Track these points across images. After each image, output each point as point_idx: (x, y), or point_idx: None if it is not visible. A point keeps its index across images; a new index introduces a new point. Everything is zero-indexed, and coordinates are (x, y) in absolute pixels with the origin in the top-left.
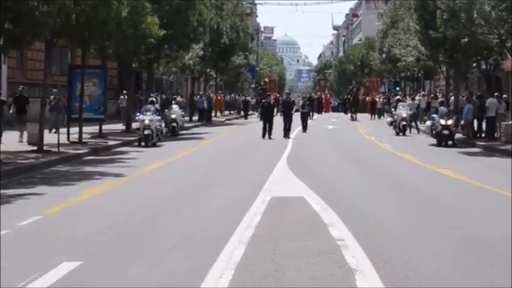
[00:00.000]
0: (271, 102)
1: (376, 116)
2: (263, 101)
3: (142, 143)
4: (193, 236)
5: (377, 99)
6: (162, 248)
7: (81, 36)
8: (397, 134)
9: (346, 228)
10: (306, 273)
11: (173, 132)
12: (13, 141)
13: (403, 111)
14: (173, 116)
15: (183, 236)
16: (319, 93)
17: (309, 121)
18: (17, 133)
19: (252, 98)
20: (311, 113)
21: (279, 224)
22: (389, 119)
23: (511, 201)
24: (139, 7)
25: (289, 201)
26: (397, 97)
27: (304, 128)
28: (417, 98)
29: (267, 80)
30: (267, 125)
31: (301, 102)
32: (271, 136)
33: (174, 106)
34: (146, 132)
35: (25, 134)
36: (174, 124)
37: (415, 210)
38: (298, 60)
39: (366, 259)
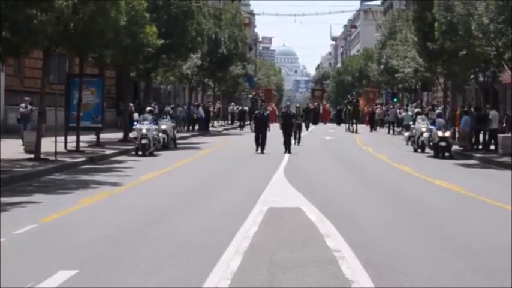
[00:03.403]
0: (265, 114)
1: (374, 127)
2: (255, 112)
3: (140, 152)
4: (189, 245)
5: (376, 111)
6: (158, 257)
7: (79, 44)
8: (415, 150)
9: (343, 239)
10: (302, 283)
11: (162, 144)
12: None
13: (422, 125)
14: (163, 127)
15: (179, 246)
16: (315, 103)
17: (304, 133)
18: None
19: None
20: (307, 124)
21: (276, 234)
22: (406, 134)
23: (511, 213)
24: (138, 17)
25: (285, 211)
26: (417, 110)
27: (298, 140)
28: (409, 109)
29: (260, 90)
30: (260, 137)
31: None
32: (264, 150)
33: (166, 117)
34: (143, 141)
35: None
36: (164, 136)
37: (411, 221)
38: (296, 71)
39: (362, 270)
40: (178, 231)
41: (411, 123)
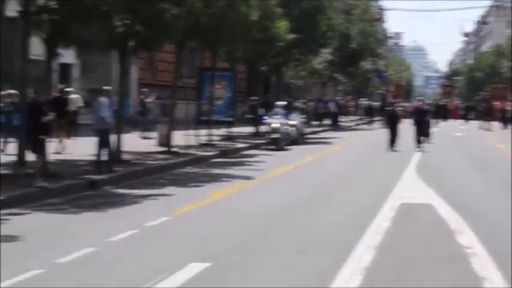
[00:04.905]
0: (396, 110)
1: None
2: (386, 109)
3: (271, 147)
4: (319, 240)
5: (507, 108)
6: (289, 253)
7: (211, 39)
8: None
9: (475, 236)
10: (434, 280)
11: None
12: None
13: None
14: (293, 122)
15: (310, 241)
16: (445, 100)
17: (434, 129)
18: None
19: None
20: (437, 121)
21: (407, 230)
22: None
23: None
24: (269, 11)
25: (417, 207)
26: None
27: (427, 136)
28: None
29: (389, 86)
30: (392, 134)
31: None
32: (396, 147)
33: (296, 112)
34: (275, 135)
35: (64, 141)
36: (295, 131)
37: None
38: (426, 67)
39: (494, 267)
40: (308, 225)
41: None
